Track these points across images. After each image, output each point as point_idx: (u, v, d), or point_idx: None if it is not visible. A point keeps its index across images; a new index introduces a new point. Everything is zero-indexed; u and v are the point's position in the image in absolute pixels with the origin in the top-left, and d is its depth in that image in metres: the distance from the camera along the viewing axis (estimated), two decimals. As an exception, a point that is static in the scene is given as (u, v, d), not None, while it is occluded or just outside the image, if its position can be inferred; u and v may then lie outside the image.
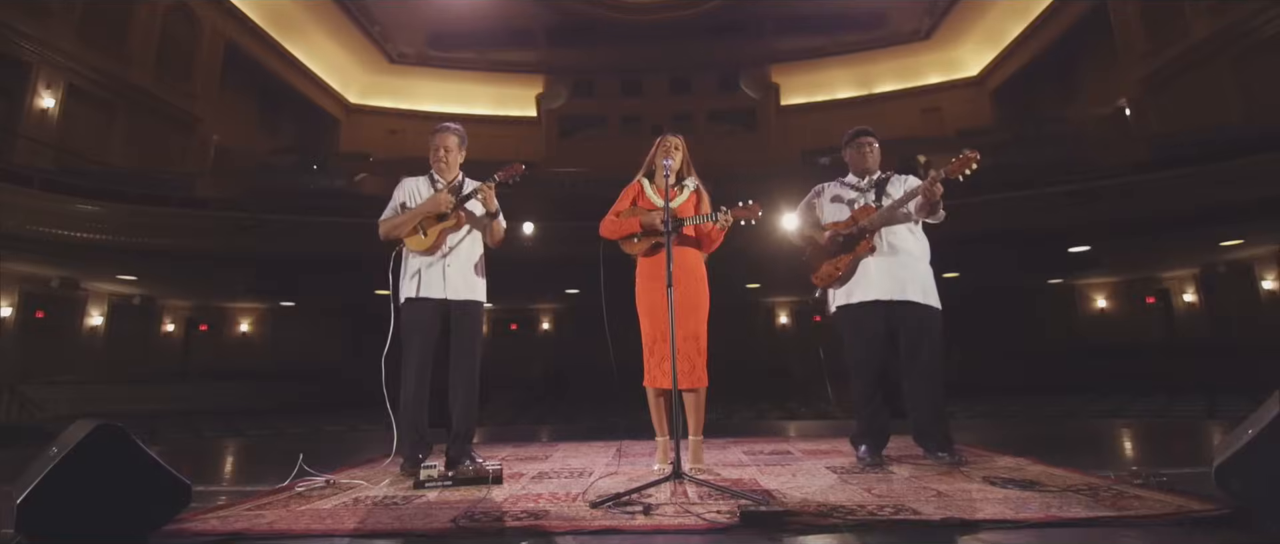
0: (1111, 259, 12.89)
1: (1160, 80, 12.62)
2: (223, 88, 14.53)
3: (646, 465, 2.76)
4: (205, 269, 11.90)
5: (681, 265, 2.61)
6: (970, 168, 2.42)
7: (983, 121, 16.99)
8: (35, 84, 10.77)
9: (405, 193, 2.89)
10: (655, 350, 2.57)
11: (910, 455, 2.76)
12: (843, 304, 2.76)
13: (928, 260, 2.75)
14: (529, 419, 8.76)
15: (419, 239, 2.76)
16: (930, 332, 2.63)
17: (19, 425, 9.23)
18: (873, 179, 2.85)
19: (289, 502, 2.12)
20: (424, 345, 2.72)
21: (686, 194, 2.77)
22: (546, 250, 11.13)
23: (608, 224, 2.74)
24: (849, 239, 2.74)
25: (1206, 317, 13.30)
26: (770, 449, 3.15)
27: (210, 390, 12.42)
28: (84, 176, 10.13)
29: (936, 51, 17.60)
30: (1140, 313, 14.55)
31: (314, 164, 14.95)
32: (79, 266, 11.50)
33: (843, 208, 2.85)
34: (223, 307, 15.98)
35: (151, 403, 11.13)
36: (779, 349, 16.18)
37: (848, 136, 2.95)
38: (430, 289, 2.73)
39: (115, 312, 13.75)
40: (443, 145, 2.88)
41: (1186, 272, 13.64)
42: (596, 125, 19.42)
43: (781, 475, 2.37)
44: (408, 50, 17.81)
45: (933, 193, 2.51)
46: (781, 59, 18.65)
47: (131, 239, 10.08)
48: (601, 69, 19.03)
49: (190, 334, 15.54)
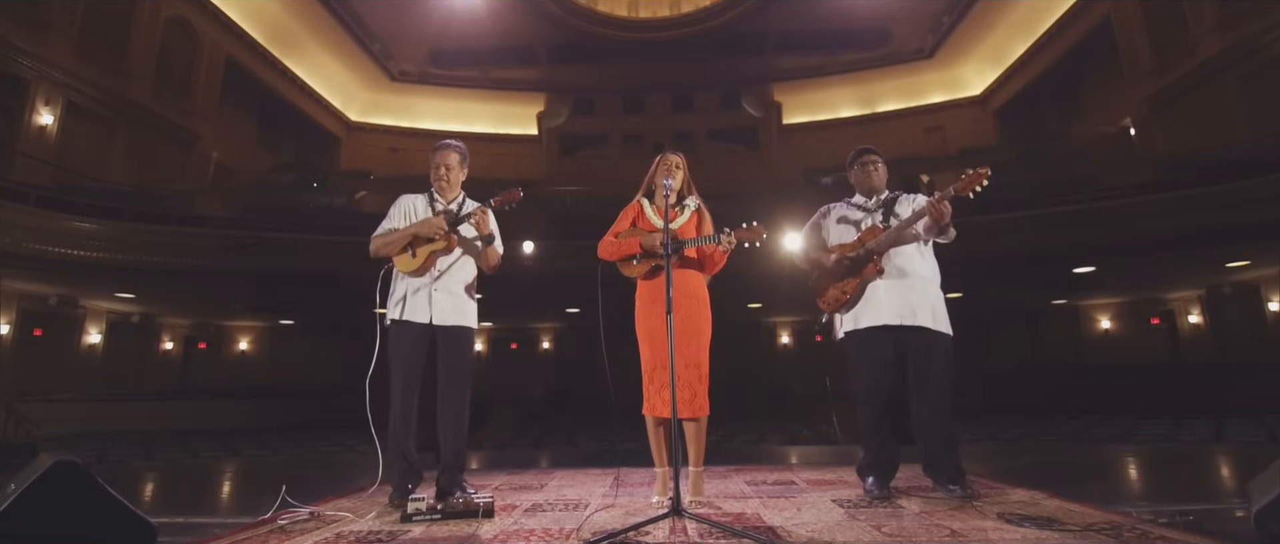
0: (1116, 280, 12.78)
1: (1166, 99, 12.60)
2: (223, 105, 14.62)
3: (645, 496, 2.65)
4: (204, 287, 11.84)
5: (682, 288, 2.52)
6: (981, 185, 2.34)
7: (986, 141, 17.01)
8: (34, 100, 10.80)
9: (402, 210, 2.81)
10: (655, 378, 2.47)
11: (919, 487, 2.65)
12: (850, 330, 2.66)
13: (938, 283, 2.66)
14: (529, 440, 8.61)
15: (407, 259, 2.68)
16: (940, 358, 2.53)
17: (14, 443, 9.10)
18: (880, 199, 2.77)
19: (268, 537, 2.01)
20: (410, 371, 2.62)
21: (687, 214, 2.69)
22: (547, 268, 11.06)
23: (606, 245, 2.66)
24: (856, 262, 2.65)
25: (1212, 338, 13.15)
26: (773, 479, 3.03)
27: (208, 409, 12.28)
28: (82, 193, 10.11)
29: (939, 70, 17.69)
30: (1145, 334, 14.39)
31: (314, 182, 14.97)
32: (76, 284, 11.45)
33: (849, 229, 2.76)
34: (222, 324, 15.90)
35: (149, 421, 11.01)
36: (780, 369, 16.01)
37: (853, 156, 2.87)
38: (416, 313, 2.65)
39: (113, 329, 13.66)
40: (444, 163, 2.81)
41: (1191, 292, 13.52)
42: (598, 143, 19.49)
43: (785, 510, 2.26)
44: (409, 68, 17.95)
45: (941, 212, 2.43)
46: (783, 78, 18.76)
47: (129, 256, 10.04)
48: (603, 87, 19.15)
49: (189, 352, 15.45)
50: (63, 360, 12.52)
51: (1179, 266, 11.67)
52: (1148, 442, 6.30)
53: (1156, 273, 12.36)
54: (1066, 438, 7.29)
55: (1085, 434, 7.59)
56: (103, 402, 11.55)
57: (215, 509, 2.84)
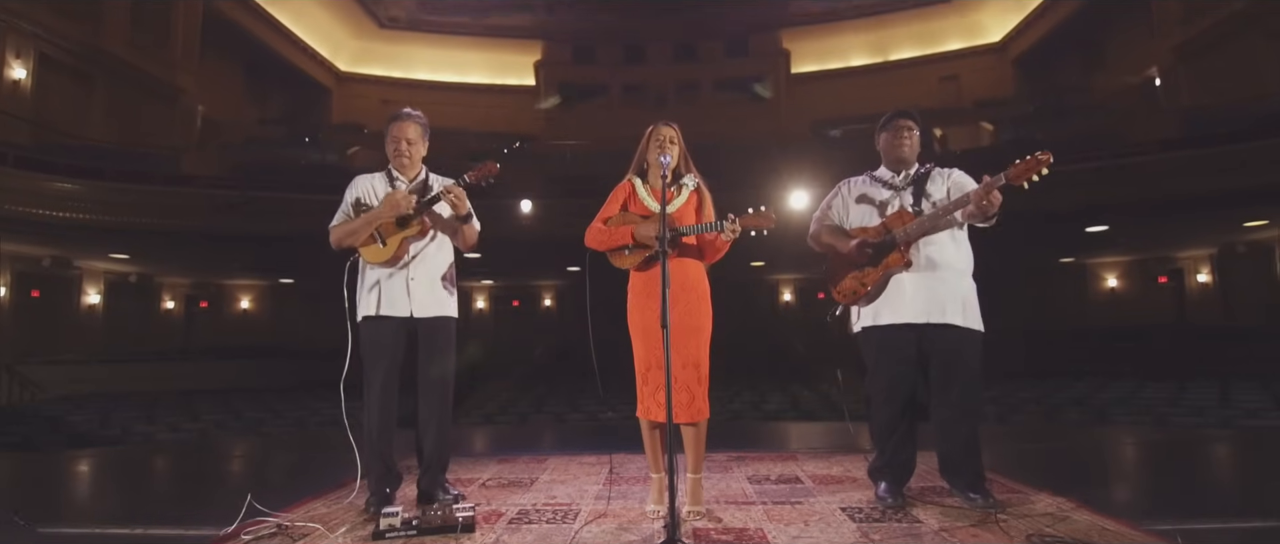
0: (1128, 238, 12.43)
1: (1195, 50, 11.93)
2: (205, 56, 14.00)
3: (640, 497, 2.49)
4: (198, 248, 11.62)
5: (680, 280, 2.27)
6: (1040, 173, 2.03)
7: (1004, 92, 16.29)
8: (4, 53, 10.29)
9: (359, 193, 2.52)
10: (649, 379, 2.25)
11: (934, 489, 2.47)
12: (869, 325, 2.39)
13: (970, 271, 2.36)
14: (530, 400, 8.56)
15: (377, 249, 2.42)
16: (969, 358, 2.28)
17: (19, 408, 9.10)
18: (909, 175, 2.44)
19: (226, 561, 1.84)
20: (389, 369, 2.41)
21: (685, 196, 2.40)
22: (546, 230, 10.74)
23: (594, 233, 2.38)
24: (879, 249, 2.35)
25: (1219, 297, 12.90)
26: (777, 473, 2.87)
27: (211, 370, 12.25)
28: (62, 153, 9.76)
29: (957, 15, 16.78)
30: (1151, 293, 14.13)
31: (305, 137, 14.51)
32: (69, 246, 11.24)
33: (871, 211, 2.44)
34: (222, 283, 15.77)
35: (152, 382, 10.98)
36: (782, 328, 15.90)
37: (884, 120, 2.51)
38: (393, 306, 2.41)
39: (112, 290, 13.54)
40: (403, 137, 2.51)
41: (1203, 251, 13.19)
42: (598, 94, 18.77)
43: (792, 525, 2.08)
44: (398, 13, 17.14)
45: (988, 204, 2.12)
46: (792, 23, 17.85)
47: (116, 219, 9.79)
48: (603, 34, 18.29)
49: (191, 311, 15.39)
50: (63, 322, 12.45)
51: (1193, 224, 11.31)
52: (1153, 408, 6.17)
53: (1171, 232, 12.00)
54: (1070, 402, 7.17)
55: (1088, 400, 7.46)
56: (106, 363, 11.53)
57: (179, 515, 2.69)
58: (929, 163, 2.50)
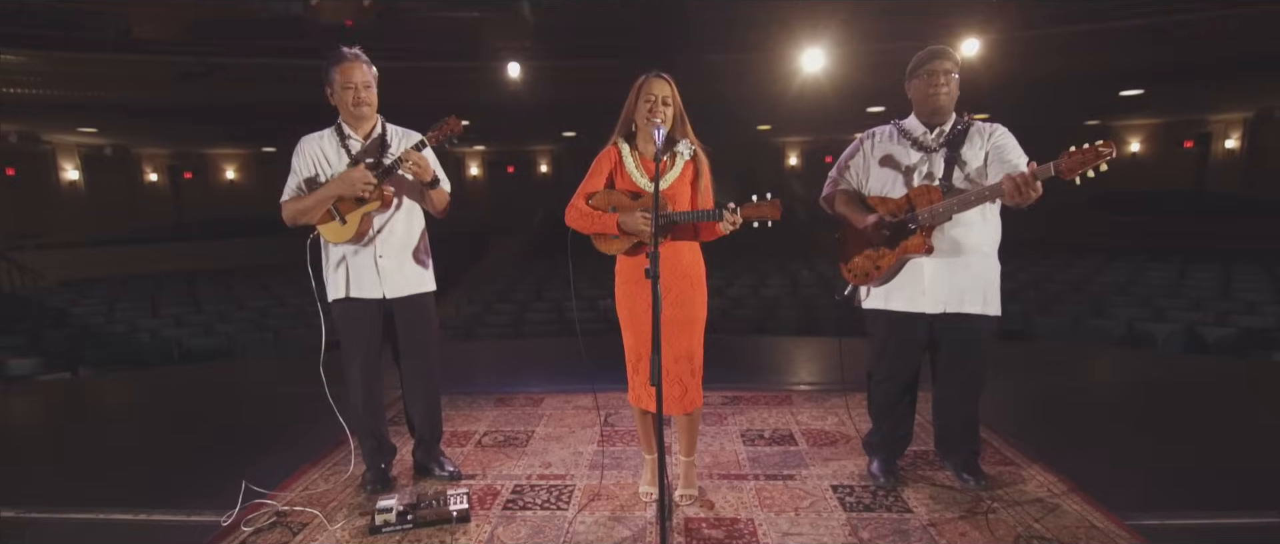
0: (1161, 100, 11.62)
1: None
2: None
3: (634, 461, 2.53)
4: (167, 119, 10.93)
5: (672, 267, 2.05)
6: (1098, 168, 1.71)
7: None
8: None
9: (308, 159, 2.19)
10: (640, 369, 2.13)
11: (926, 459, 2.49)
12: (879, 308, 2.21)
13: (996, 251, 2.13)
14: (530, 283, 8.63)
15: (336, 227, 2.17)
16: (981, 344, 2.14)
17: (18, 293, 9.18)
18: (943, 132, 2.09)
19: (226, 566, 1.88)
20: (367, 351, 2.29)
21: (679, 167, 2.07)
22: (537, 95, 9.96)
23: (575, 214, 2.09)
24: (897, 230, 2.09)
25: (1243, 166, 12.42)
26: (771, 429, 2.89)
27: (207, 249, 12.14)
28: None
29: None
30: (1174, 157, 13.59)
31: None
32: (29, 120, 10.58)
33: (896, 177, 2.13)
34: (204, 153, 15.16)
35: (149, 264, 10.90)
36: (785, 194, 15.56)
37: (915, 62, 2.09)
38: (363, 287, 2.22)
39: (88, 163, 13.05)
40: (356, 82, 2.12)
41: (1237, 115, 12.42)
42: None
43: (783, 515, 2.10)
44: None
45: (1028, 193, 1.80)
46: None
47: (74, 93, 9.06)
48: None
49: (176, 182, 14.98)
50: (45, 199, 12.16)
51: (1235, 89, 10.49)
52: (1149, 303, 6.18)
53: (1208, 96, 11.18)
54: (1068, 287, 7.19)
55: (1088, 282, 7.48)
56: (99, 246, 11.45)
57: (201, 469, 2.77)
58: (967, 114, 2.13)
